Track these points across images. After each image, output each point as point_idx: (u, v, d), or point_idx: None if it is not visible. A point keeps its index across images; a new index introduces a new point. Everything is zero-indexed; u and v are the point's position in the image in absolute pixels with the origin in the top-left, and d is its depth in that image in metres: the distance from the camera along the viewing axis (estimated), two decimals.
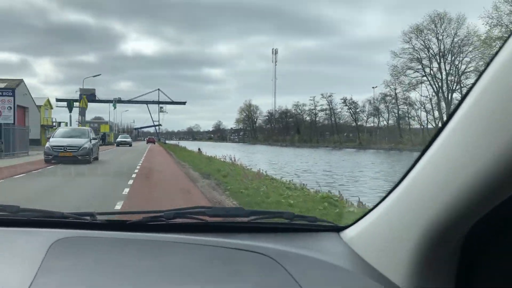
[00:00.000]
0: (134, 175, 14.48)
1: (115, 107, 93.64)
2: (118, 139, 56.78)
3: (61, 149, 18.56)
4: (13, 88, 31.38)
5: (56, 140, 19.53)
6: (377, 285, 1.02)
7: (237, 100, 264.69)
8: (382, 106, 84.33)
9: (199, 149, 38.63)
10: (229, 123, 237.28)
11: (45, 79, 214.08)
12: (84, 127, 27.39)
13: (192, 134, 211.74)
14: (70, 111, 56.75)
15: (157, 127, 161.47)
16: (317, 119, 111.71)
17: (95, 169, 17.32)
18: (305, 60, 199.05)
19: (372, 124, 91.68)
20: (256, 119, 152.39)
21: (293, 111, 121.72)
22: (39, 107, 52.84)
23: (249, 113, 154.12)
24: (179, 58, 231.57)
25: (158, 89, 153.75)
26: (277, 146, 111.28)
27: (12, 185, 11.97)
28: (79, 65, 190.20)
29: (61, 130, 21.81)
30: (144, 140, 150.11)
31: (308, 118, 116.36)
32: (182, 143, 75.29)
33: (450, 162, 0.81)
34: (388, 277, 1.03)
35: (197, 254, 1.17)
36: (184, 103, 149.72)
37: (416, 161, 0.95)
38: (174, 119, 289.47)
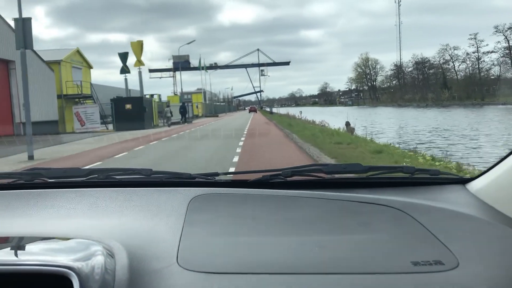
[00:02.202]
0: None
1: (206, 70, 68.62)
2: None
3: None
4: None
5: None
6: None
7: (338, 61, 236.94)
8: None
9: (347, 123, 20.34)
10: (336, 85, 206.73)
11: (151, 55, 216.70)
12: None
13: (295, 100, 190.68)
14: (123, 71, 32.37)
15: (258, 94, 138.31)
16: (480, 66, 75.53)
17: None
18: (416, 11, 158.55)
19: None
20: (376, 76, 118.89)
21: (437, 59, 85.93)
22: (55, 63, 28.17)
23: (366, 68, 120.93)
24: (276, 23, 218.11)
25: (258, 49, 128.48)
26: (411, 108, 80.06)
27: None
28: (180, 40, 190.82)
29: None
30: (245, 109, 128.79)
31: (463, 67, 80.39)
32: (292, 111, 48.06)
33: None
34: None
35: (321, 207, 1.17)
36: (287, 63, 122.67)
37: None
38: (274, 86, 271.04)
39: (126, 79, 32.24)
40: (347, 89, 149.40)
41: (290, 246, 0.96)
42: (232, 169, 8.27)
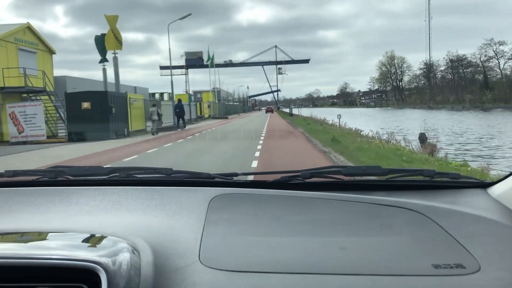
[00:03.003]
0: None
1: (214, 65, 59.15)
2: None
3: None
4: None
5: None
6: None
7: (356, 62, 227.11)
8: None
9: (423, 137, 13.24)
10: (354, 87, 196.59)
11: (180, 60, 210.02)
12: None
13: (312, 101, 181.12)
14: (102, 59, 23.22)
15: (275, 93, 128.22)
16: None
17: None
18: (444, 11, 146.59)
19: None
20: (402, 76, 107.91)
21: (477, 56, 74.59)
22: None
23: (391, 67, 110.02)
24: (294, 23, 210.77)
25: (275, 46, 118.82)
26: (445, 110, 69.63)
27: None
28: (197, 39, 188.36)
29: None
30: (261, 109, 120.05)
31: (509, 64, 69.06)
32: (316, 113, 38.53)
33: None
34: None
35: (341, 209, 1.15)
36: (307, 61, 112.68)
37: None
38: (290, 86, 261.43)
39: (104, 69, 23.05)
40: (368, 90, 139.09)
41: (311, 247, 0.94)
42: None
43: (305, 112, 55.00)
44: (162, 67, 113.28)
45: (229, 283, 0.80)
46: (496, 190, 1.22)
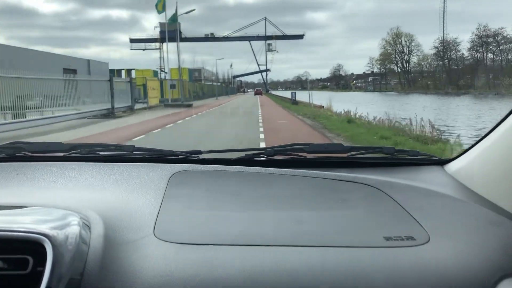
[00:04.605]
0: None
1: (163, 11, 39.26)
2: None
3: None
4: None
5: None
6: (491, 213, 0.97)
7: (345, 45, 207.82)
8: None
9: None
10: (347, 69, 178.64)
11: (154, 33, 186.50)
12: None
13: (301, 83, 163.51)
14: None
15: (264, 74, 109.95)
16: None
17: None
18: None
19: None
20: (410, 56, 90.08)
21: None
22: None
23: (397, 46, 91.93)
24: (281, 4, 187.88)
25: (265, 18, 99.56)
26: (469, 96, 53.20)
27: None
28: (182, 18, 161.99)
29: None
30: (247, 91, 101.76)
31: None
32: (337, 100, 21.53)
33: None
34: (503, 206, 0.98)
35: (301, 185, 1.14)
36: (301, 36, 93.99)
37: None
38: (278, 69, 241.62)
39: None
40: (363, 73, 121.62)
41: (268, 221, 0.93)
42: None
43: (315, 97, 36.90)
44: (132, 40, 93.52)
45: (180, 255, 0.79)
46: (452, 167, 1.23)
